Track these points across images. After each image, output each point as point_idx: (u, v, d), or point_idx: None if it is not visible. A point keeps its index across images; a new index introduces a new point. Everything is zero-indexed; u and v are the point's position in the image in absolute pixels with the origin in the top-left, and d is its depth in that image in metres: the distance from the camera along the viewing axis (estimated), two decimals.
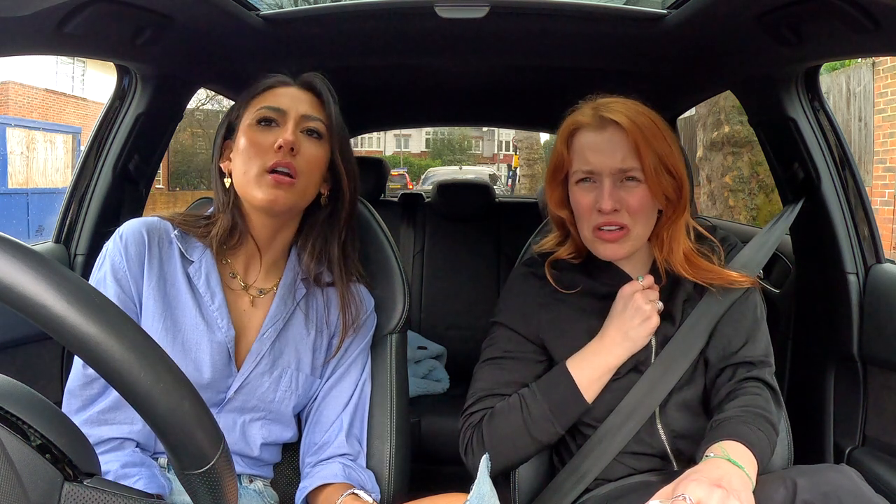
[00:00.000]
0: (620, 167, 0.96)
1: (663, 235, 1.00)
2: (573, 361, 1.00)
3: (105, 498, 0.50)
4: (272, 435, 0.99)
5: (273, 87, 0.97)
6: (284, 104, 0.95)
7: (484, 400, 1.04)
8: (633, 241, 0.99)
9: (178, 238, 0.95)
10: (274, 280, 1.01)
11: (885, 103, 5.43)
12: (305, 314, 1.01)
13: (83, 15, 0.94)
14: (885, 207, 5.37)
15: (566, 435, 1.06)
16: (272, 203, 0.91)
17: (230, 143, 0.98)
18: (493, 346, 1.07)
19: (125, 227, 0.94)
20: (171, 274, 0.94)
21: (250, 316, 0.98)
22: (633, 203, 0.96)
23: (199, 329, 0.93)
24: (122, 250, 0.92)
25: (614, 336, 0.99)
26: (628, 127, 0.95)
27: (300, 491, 0.98)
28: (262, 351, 0.96)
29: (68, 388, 0.89)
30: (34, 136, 9.89)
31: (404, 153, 27.13)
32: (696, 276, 1.00)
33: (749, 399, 0.95)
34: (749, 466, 0.84)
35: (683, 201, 0.99)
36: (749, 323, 1.02)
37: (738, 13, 1.10)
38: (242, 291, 0.98)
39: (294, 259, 1.02)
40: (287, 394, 0.98)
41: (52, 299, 0.41)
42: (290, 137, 0.91)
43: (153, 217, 0.97)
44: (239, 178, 0.94)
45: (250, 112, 0.96)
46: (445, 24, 1.25)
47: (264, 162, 0.91)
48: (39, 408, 0.51)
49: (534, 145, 13.16)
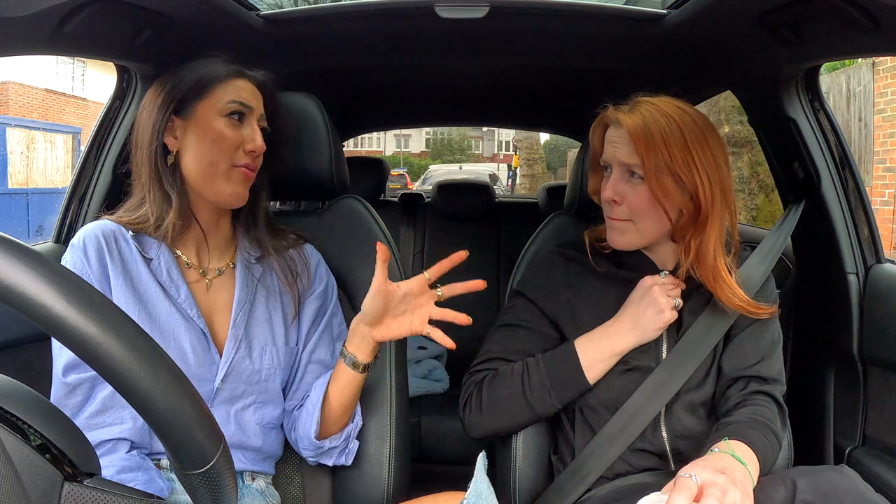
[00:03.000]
0: (624, 161, 0.99)
1: (691, 243, 0.99)
2: (581, 341, 1.02)
3: (105, 498, 0.50)
4: (266, 417, 1.00)
5: (235, 77, 0.99)
6: (250, 101, 0.98)
7: (491, 361, 1.08)
8: (638, 234, 1.01)
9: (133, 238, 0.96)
10: (227, 258, 1.03)
11: (885, 103, 5.43)
12: (268, 290, 1.03)
13: (83, 15, 0.94)
14: (885, 207, 5.37)
15: (567, 423, 1.07)
16: (239, 198, 0.97)
17: (181, 121, 0.96)
18: (510, 313, 1.11)
19: (80, 235, 0.94)
20: (135, 273, 0.94)
21: (214, 298, 1.00)
22: (633, 199, 0.99)
23: (175, 319, 0.94)
24: (82, 258, 0.92)
25: (625, 323, 1.00)
26: (631, 129, 0.97)
27: (301, 435, 1.01)
28: (238, 336, 0.98)
29: (53, 401, 0.87)
30: (34, 136, 9.89)
31: (404, 153, 27.11)
32: (717, 293, 1.00)
33: (757, 409, 0.98)
34: (751, 465, 0.86)
35: (703, 213, 0.97)
36: (767, 342, 1.04)
37: (738, 13, 1.10)
38: (200, 277, 1.00)
39: (243, 242, 1.04)
40: (272, 371, 1.00)
41: (52, 299, 0.41)
42: (262, 145, 0.97)
43: (101, 221, 0.97)
44: (201, 169, 0.95)
45: (216, 98, 0.96)
46: (445, 24, 1.25)
47: (234, 159, 0.96)
48: (39, 408, 0.52)
49: (534, 145, 13.17)
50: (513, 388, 1.03)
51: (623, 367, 1.02)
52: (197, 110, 0.96)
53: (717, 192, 0.97)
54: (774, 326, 1.06)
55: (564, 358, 1.02)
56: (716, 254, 0.99)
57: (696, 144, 0.97)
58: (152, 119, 0.96)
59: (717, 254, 0.99)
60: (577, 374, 1.01)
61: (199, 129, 0.95)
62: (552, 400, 1.02)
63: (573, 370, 1.01)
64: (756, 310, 1.01)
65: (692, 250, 0.99)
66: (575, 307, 1.07)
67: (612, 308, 1.04)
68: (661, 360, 1.02)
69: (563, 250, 1.11)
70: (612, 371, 1.01)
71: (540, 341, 1.07)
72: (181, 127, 0.97)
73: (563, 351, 1.03)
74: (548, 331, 1.08)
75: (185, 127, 0.96)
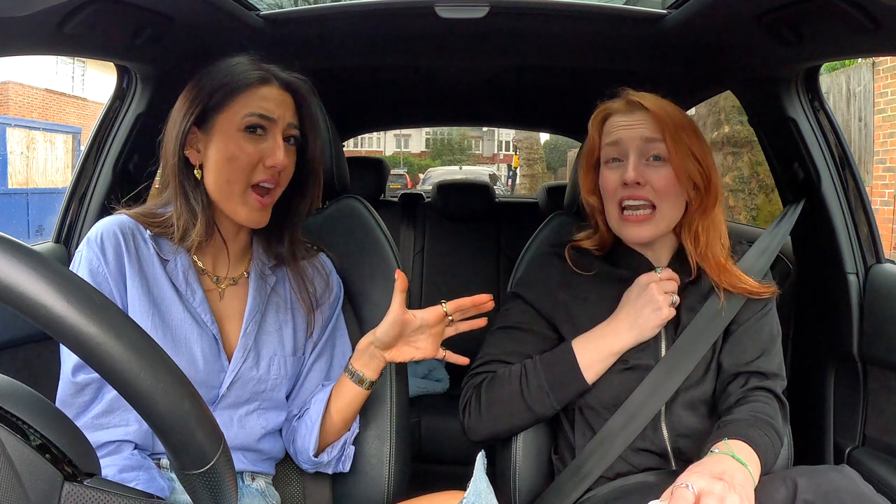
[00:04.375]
0: (647, 136, 0.98)
1: (697, 229, 1.00)
2: (579, 341, 1.02)
3: (105, 498, 0.50)
4: (270, 423, 1.00)
5: (258, 84, 0.92)
6: (273, 112, 0.91)
7: (489, 364, 1.08)
8: (660, 223, 1.00)
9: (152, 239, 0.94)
10: (241, 268, 1.01)
11: (885, 103, 5.43)
12: (280, 299, 1.02)
13: (83, 15, 0.94)
14: (885, 207, 5.37)
15: (566, 424, 1.07)
16: (255, 223, 0.94)
17: (202, 134, 0.92)
18: (508, 315, 1.11)
19: (97, 230, 0.91)
20: (151, 273, 0.93)
21: (226, 306, 0.99)
22: (658, 181, 0.98)
23: (188, 323, 0.93)
24: (98, 254, 0.89)
25: (623, 321, 1.00)
26: (654, 109, 0.98)
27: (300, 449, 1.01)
28: (248, 345, 0.97)
29: (59, 399, 0.87)
30: (34, 136, 9.88)
31: (404, 153, 27.10)
32: (722, 280, 1.01)
33: (758, 406, 0.97)
34: (752, 465, 0.85)
35: (713, 192, 0.99)
36: (766, 337, 1.04)
37: (738, 13, 1.10)
38: (214, 285, 0.99)
39: (258, 251, 1.03)
40: (278, 380, 0.99)
41: (52, 299, 0.41)
42: (283, 160, 0.91)
43: (119, 216, 0.93)
44: (219, 186, 0.91)
45: (235, 111, 0.90)
46: (445, 24, 1.25)
47: (250, 177, 0.91)
48: (39, 408, 0.52)
49: (534, 145, 13.17)
50: (511, 390, 1.03)
51: (622, 366, 1.02)
52: (216, 123, 0.91)
53: (718, 180, 1.00)
54: (773, 320, 1.06)
55: (562, 359, 1.02)
56: (721, 243, 1.01)
57: (695, 128, 1.00)
58: (175, 130, 0.92)
59: (722, 243, 1.01)
60: (576, 375, 1.01)
61: (216, 143, 0.91)
62: (551, 401, 1.02)
63: (571, 371, 1.01)
64: (759, 290, 1.02)
65: (700, 238, 1.00)
66: (572, 307, 1.07)
67: (609, 307, 1.04)
68: (661, 358, 1.02)
69: (559, 251, 1.11)
70: (610, 370, 1.01)
71: (538, 343, 1.07)
72: (203, 140, 0.92)
73: (561, 352, 1.03)
74: (545, 332, 1.08)
75: (206, 141, 0.92)
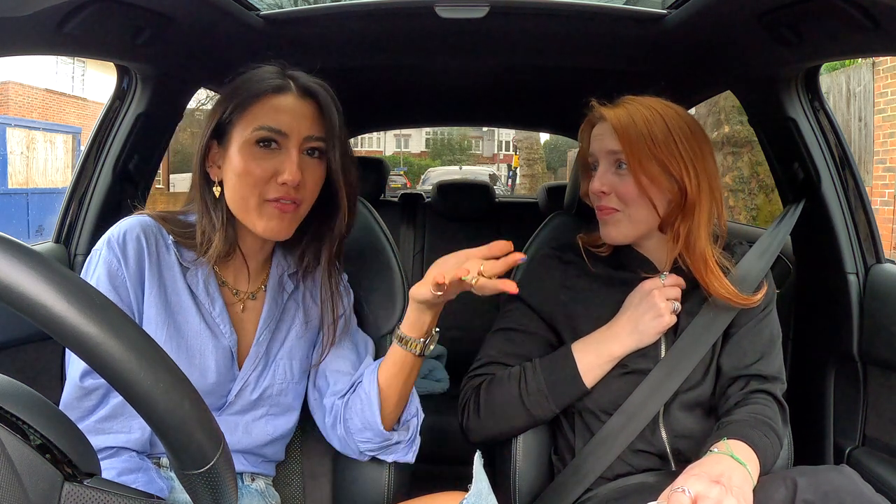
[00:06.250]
0: (609, 149, 1.00)
1: (679, 229, 1.00)
2: (579, 345, 1.02)
3: (105, 498, 0.50)
4: (279, 429, 0.99)
5: (271, 94, 0.88)
6: (286, 124, 0.87)
7: (489, 366, 1.08)
8: (631, 224, 1.01)
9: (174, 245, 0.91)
10: (260, 281, 1.00)
11: (885, 103, 5.43)
12: (296, 304, 1.02)
13: (83, 15, 0.94)
14: (885, 207, 5.37)
15: (566, 426, 1.06)
16: (275, 234, 0.90)
17: (221, 150, 0.91)
18: (508, 317, 1.10)
19: (119, 229, 0.88)
20: (170, 280, 0.91)
21: (244, 319, 0.98)
22: (621, 188, 1.00)
23: (204, 335, 0.92)
24: (119, 256, 0.86)
25: (624, 326, 1.00)
26: (614, 122, 0.99)
27: (360, 427, 0.96)
28: (259, 353, 0.97)
29: (64, 401, 0.85)
30: (34, 136, 9.89)
31: (404, 153, 27.10)
32: (706, 283, 1.00)
33: (758, 408, 0.97)
34: (751, 465, 0.85)
35: (691, 196, 0.98)
36: (766, 340, 1.04)
37: (738, 13, 1.10)
38: (234, 297, 0.97)
39: (279, 257, 1.01)
40: (284, 385, 0.99)
41: (52, 299, 0.41)
42: (297, 176, 0.86)
43: (143, 217, 0.91)
44: (235, 202, 0.89)
45: (247, 124, 0.88)
46: (445, 24, 1.25)
47: (264, 193, 0.87)
48: (39, 408, 0.51)
49: (534, 145, 13.18)
50: (510, 392, 1.02)
51: (621, 371, 1.01)
52: (232, 137, 0.89)
53: (703, 180, 0.98)
54: (773, 323, 1.06)
55: (562, 362, 1.01)
56: (704, 243, 0.99)
57: (679, 132, 0.98)
58: (197, 144, 0.91)
59: (705, 243, 1.00)
60: (575, 379, 1.00)
61: (230, 159, 0.88)
62: (549, 404, 1.01)
63: (570, 374, 1.00)
64: (743, 301, 1.00)
65: (681, 238, 0.99)
66: (572, 310, 1.06)
67: (610, 311, 1.03)
68: (662, 358, 1.02)
69: (560, 253, 1.11)
70: (609, 374, 1.01)
71: (537, 345, 1.07)
72: (221, 155, 0.90)
73: (561, 355, 1.02)
74: (545, 334, 1.08)
75: (224, 156, 0.90)
